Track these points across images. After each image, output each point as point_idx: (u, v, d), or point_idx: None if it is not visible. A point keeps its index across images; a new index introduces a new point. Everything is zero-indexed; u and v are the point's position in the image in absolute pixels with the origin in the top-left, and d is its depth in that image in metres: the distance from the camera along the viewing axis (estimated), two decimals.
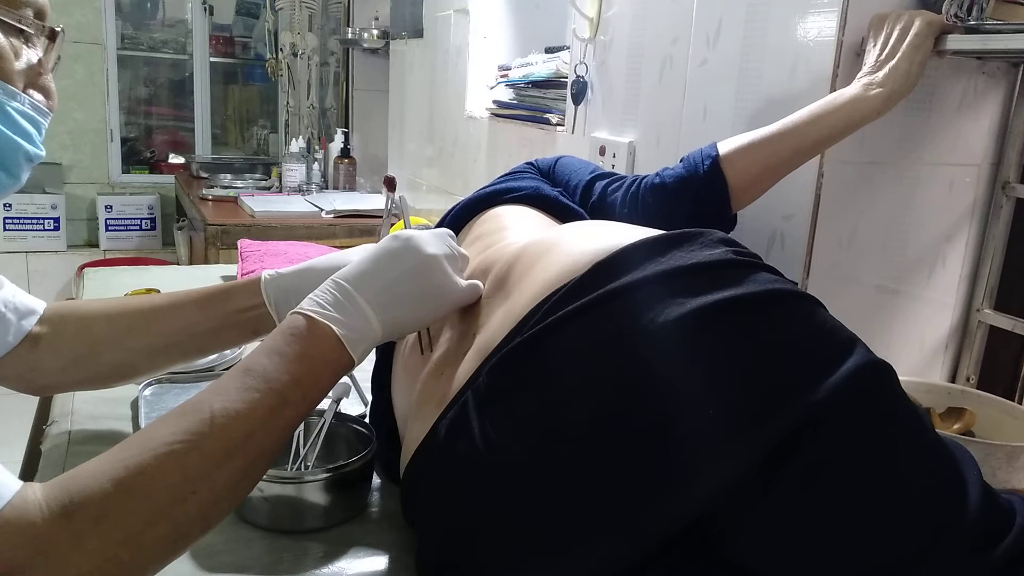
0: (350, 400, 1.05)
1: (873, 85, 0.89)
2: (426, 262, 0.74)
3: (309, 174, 3.14)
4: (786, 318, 0.61)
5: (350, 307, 0.70)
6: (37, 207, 3.72)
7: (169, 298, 0.93)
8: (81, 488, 0.54)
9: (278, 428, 0.64)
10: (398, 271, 0.73)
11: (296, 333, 0.67)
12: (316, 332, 0.67)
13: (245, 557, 0.78)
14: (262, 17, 4.10)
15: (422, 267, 0.73)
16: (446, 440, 0.69)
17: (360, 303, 0.70)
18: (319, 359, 0.67)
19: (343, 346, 0.68)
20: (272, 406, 0.63)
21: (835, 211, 1.00)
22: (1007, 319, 1.06)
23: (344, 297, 0.70)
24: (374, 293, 0.71)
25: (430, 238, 0.76)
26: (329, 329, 0.67)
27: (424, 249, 0.74)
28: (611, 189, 0.98)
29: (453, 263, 0.76)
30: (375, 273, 0.72)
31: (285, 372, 0.65)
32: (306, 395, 0.66)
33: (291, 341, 0.67)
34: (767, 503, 0.58)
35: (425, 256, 0.74)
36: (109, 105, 3.94)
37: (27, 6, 0.72)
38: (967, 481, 0.60)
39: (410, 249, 0.74)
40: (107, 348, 0.91)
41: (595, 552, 0.60)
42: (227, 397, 0.62)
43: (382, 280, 0.72)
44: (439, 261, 0.75)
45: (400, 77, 2.65)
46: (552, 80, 1.64)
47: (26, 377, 0.90)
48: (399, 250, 0.74)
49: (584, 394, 0.61)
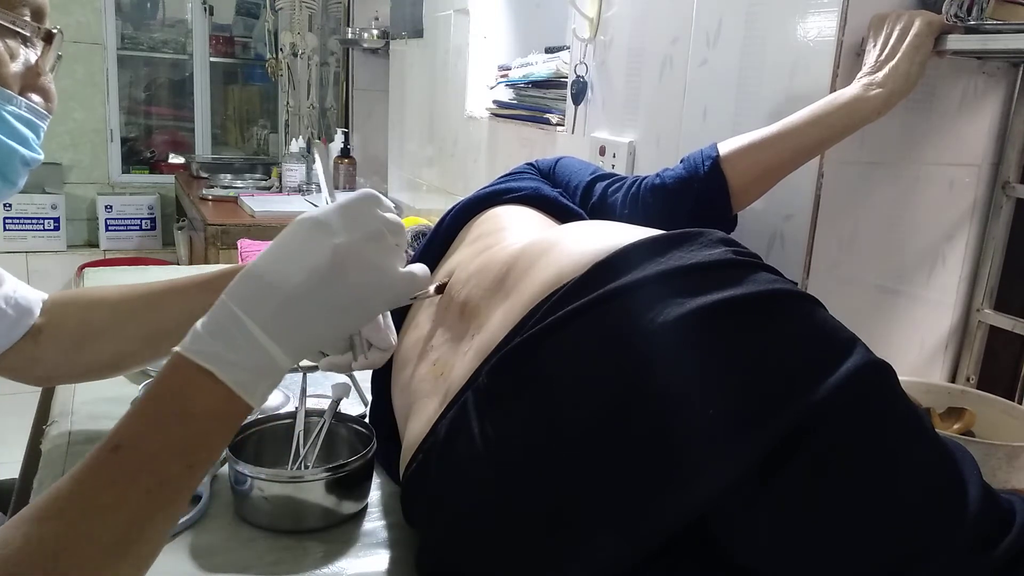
0: (350, 400, 1.05)
1: (873, 85, 0.89)
2: (335, 258, 0.56)
3: (309, 174, 3.14)
4: (786, 318, 0.61)
5: (240, 339, 0.54)
6: (37, 207, 3.72)
7: (171, 283, 0.90)
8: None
9: (159, 517, 0.52)
10: (298, 278, 0.55)
11: (173, 384, 0.53)
12: (196, 382, 0.53)
13: (245, 557, 0.78)
14: (262, 17, 4.10)
15: (330, 266, 0.56)
16: (446, 440, 0.69)
17: (253, 332, 0.54)
18: (203, 416, 0.53)
19: (234, 394, 0.53)
20: (148, 490, 0.50)
21: (835, 211, 1.00)
22: (1007, 319, 1.06)
23: (232, 325, 0.54)
24: (270, 315, 0.54)
25: (338, 216, 0.57)
26: (210, 377, 0.53)
27: (329, 239, 0.56)
28: (611, 190, 0.98)
29: (379, 244, 0.58)
30: (269, 285, 0.55)
31: (160, 443, 0.52)
32: (193, 464, 0.53)
33: (167, 395, 0.53)
34: (767, 503, 0.58)
35: (331, 250, 0.56)
36: (109, 105, 3.93)
37: (24, 6, 0.71)
38: (967, 481, 0.60)
39: (309, 242, 0.56)
40: (109, 337, 0.89)
41: (595, 552, 0.60)
42: (91, 489, 0.49)
43: (279, 295, 0.55)
44: (355, 250, 0.57)
45: (400, 77, 2.65)
46: (552, 80, 1.64)
47: (27, 369, 0.89)
48: (295, 245, 0.57)
49: (584, 394, 0.61)
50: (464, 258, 0.86)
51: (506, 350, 0.66)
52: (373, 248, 0.58)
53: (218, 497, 0.87)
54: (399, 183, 2.73)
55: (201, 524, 0.83)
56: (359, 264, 0.57)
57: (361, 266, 0.57)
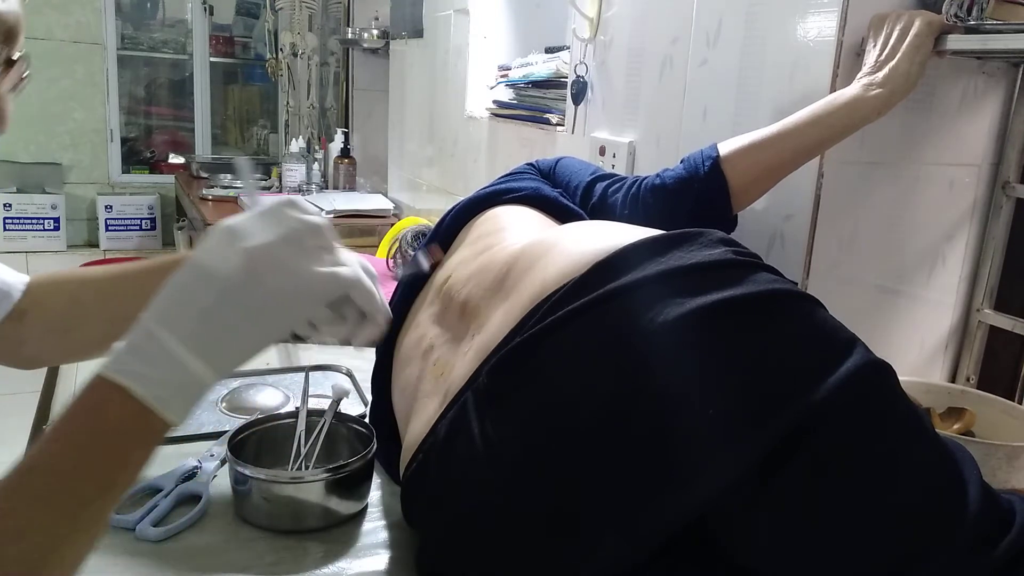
0: (350, 400, 1.05)
1: (873, 85, 0.89)
2: (249, 263, 0.54)
3: (309, 174, 3.14)
4: (786, 318, 0.61)
5: (157, 353, 0.52)
6: (37, 207, 3.72)
7: (156, 262, 0.86)
8: None
9: (77, 539, 0.50)
10: (216, 288, 0.53)
11: (87, 403, 0.52)
12: (111, 399, 0.51)
13: (245, 557, 0.78)
14: (262, 17, 4.10)
15: (244, 271, 0.54)
16: (446, 440, 0.69)
17: (170, 346, 0.52)
18: (117, 433, 0.51)
19: (148, 409, 0.51)
20: (63, 512, 0.49)
21: (835, 211, 1.00)
22: (1007, 319, 1.06)
23: (146, 340, 0.53)
24: (189, 330, 0.53)
25: (252, 221, 0.56)
26: (123, 393, 0.51)
27: (241, 243, 0.54)
28: (611, 190, 0.98)
29: (296, 246, 0.56)
30: (186, 299, 0.54)
31: (74, 463, 0.50)
32: (109, 484, 0.51)
33: (80, 414, 0.51)
34: (767, 503, 0.58)
35: (243, 254, 0.54)
36: (109, 105, 3.94)
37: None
38: (967, 481, 0.60)
39: (224, 248, 0.55)
40: (96, 318, 0.87)
41: (595, 552, 0.60)
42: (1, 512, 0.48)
43: (196, 306, 0.53)
44: (269, 252, 0.54)
45: (400, 77, 2.65)
46: (552, 80, 1.64)
47: (13, 351, 0.87)
48: (210, 255, 0.55)
49: (584, 394, 0.61)
50: (464, 258, 0.86)
51: (506, 350, 0.66)
52: (289, 251, 0.55)
53: (218, 497, 0.87)
54: (399, 183, 2.73)
55: (201, 524, 0.83)
56: (275, 267, 0.55)
57: (277, 269, 0.55)
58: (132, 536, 0.79)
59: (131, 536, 0.79)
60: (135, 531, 0.80)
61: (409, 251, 1.56)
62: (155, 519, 0.81)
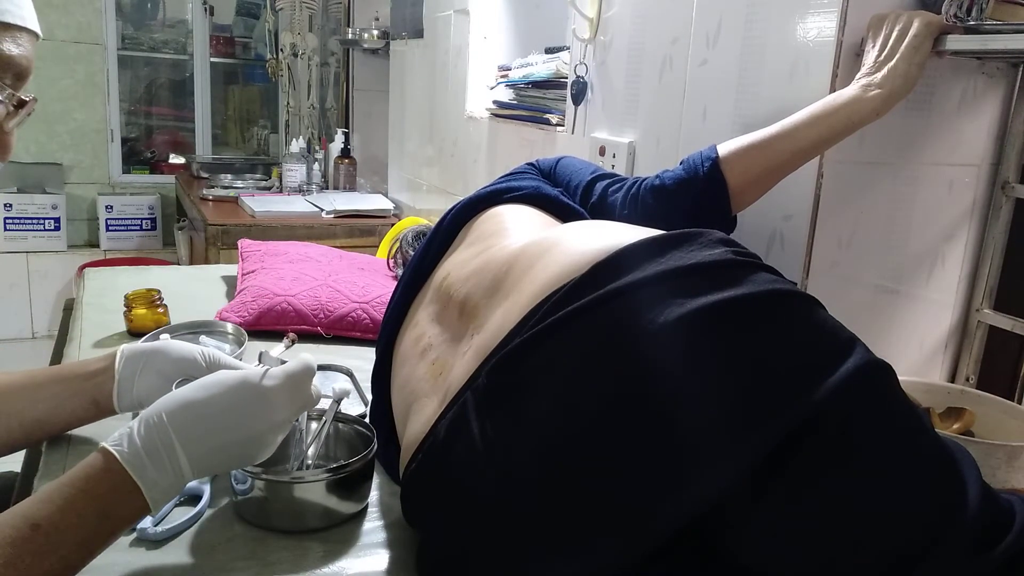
0: (350, 400, 1.05)
1: (872, 86, 0.89)
2: (270, 430, 0.71)
3: (309, 174, 3.14)
4: (786, 318, 0.61)
5: (168, 465, 0.65)
6: (37, 207, 3.71)
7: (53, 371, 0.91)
8: None
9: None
10: (236, 435, 0.68)
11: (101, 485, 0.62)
12: (123, 490, 0.63)
13: (245, 557, 0.78)
14: (262, 17, 4.10)
15: (265, 433, 0.70)
16: (445, 440, 0.69)
17: (181, 464, 0.65)
18: (120, 520, 0.63)
19: (148, 507, 0.64)
20: (50, 570, 0.58)
21: (835, 211, 1.00)
22: (1007, 319, 1.06)
23: (166, 451, 0.65)
24: (201, 455, 0.66)
25: (286, 392, 0.71)
26: (136, 491, 0.63)
27: (272, 416, 0.70)
28: (611, 190, 0.98)
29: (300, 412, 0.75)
30: (213, 433, 0.67)
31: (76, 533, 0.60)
32: (92, 552, 0.62)
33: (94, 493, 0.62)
34: (767, 503, 0.58)
35: (269, 424, 0.70)
36: (109, 105, 3.93)
37: (7, 69, 0.72)
38: (966, 481, 0.60)
39: (256, 407, 0.69)
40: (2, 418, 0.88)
41: (595, 552, 0.60)
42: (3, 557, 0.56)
43: (213, 442, 0.67)
44: (287, 423, 0.72)
45: (400, 77, 2.65)
46: (552, 80, 1.65)
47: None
48: (251, 412, 0.69)
49: (584, 394, 0.61)
50: (464, 257, 0.86)
51: (506, 350, 0.66)
52: (295, 416, 0.74)
53: (218, 497, 0.87)
54: (399, 183, 2.73)
55: (201, 524, 0.83)
56: (283, 431, 0.72)
57: (281, 432, 0.72)
58: (132, 535, 0.79)
59: (131, 535, 0.79)
60: (135, 530, 0.80)
61: (409, 251, 1.56)
62: (155, 518, 0.81)
